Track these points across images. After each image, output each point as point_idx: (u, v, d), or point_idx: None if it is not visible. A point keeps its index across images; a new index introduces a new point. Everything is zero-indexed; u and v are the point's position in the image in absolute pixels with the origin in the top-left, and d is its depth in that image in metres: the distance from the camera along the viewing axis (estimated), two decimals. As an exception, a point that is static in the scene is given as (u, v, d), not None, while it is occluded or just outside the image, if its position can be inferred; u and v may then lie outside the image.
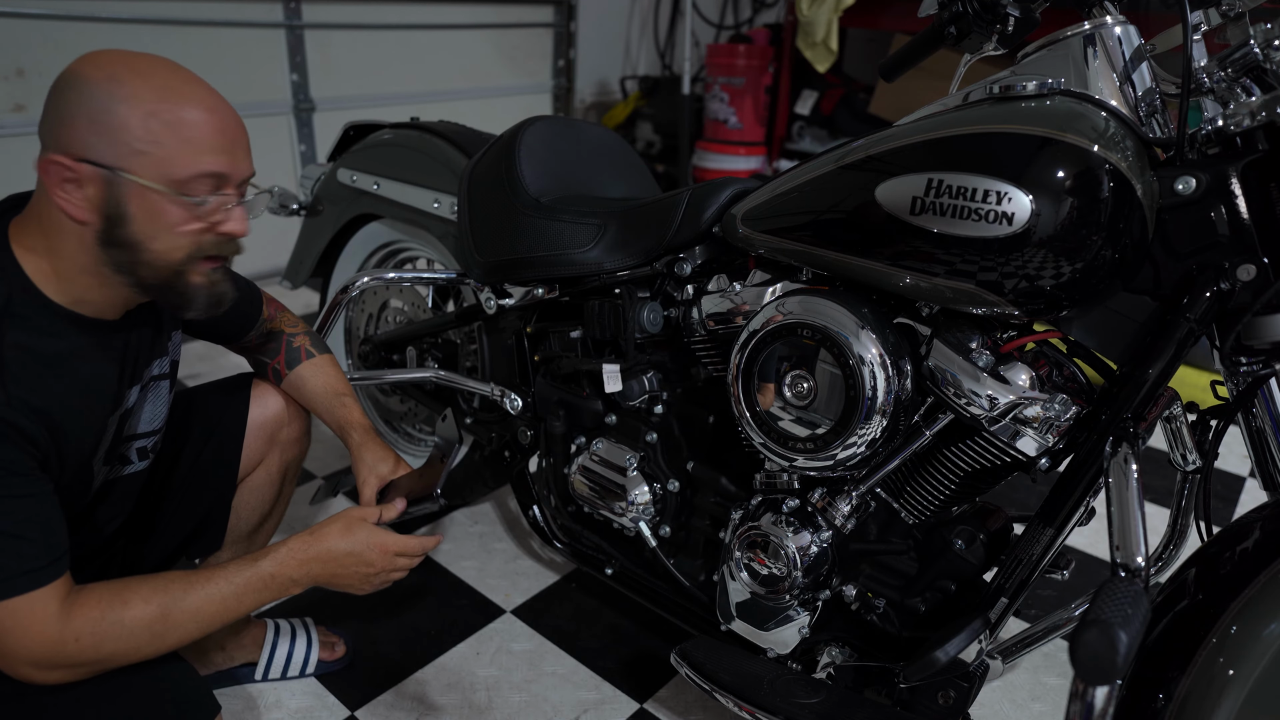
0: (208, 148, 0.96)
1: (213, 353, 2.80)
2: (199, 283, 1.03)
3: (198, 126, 0.95)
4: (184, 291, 1.03)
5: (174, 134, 0.94)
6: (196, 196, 0.97)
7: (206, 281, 1.04)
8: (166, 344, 1.20)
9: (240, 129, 1.01)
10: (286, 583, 1.10)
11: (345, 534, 1.13)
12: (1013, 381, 1.06)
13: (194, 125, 0.95)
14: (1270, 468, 1.01)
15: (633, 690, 1.58)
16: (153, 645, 1.01)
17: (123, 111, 0.93)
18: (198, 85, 0.99)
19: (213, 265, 1.04)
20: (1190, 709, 0.90)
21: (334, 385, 1.39)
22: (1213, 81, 0.98)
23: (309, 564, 1.11)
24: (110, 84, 0.93)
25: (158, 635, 1.01)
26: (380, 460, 1.32)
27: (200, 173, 0.96)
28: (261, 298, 1.40)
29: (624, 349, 1.46)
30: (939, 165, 1.02)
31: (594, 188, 1.63)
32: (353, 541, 1.13)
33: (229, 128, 0.99)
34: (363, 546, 1.13)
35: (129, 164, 0.94)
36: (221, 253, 1.04)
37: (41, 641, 0.94)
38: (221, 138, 0.98)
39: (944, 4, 1.12)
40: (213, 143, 0.97)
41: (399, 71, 3.75)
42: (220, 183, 0.99)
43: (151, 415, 1.20)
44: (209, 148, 0.96)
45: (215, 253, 1.03)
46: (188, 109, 0.95)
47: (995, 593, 1.13)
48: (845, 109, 4.09)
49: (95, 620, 0.97)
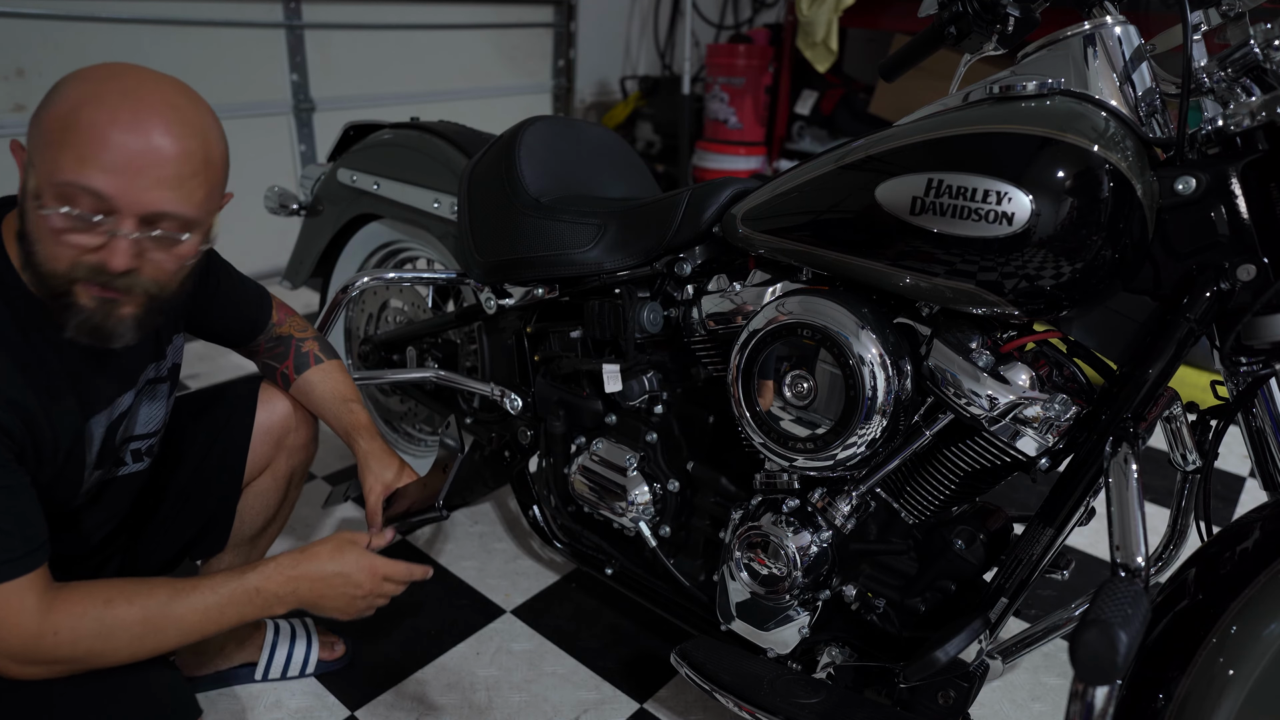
0: (98, 164, 0.88)
1: (213, 352, 2.80)
2: (84, 305, 0.94)
3: (99, 140, 0.88)
4: (66, 309, 0.94)
5: (73, 139, 0.88)
6: (74, 208, 0.89)
7: (92, 307, 0.95)
8: (165, 348, 1.20)
9: (169, 165, 0.91)
10: (271, 599, 1.08)
11: (335, 555, 1.12)
12: (1013, 381, 1.06)
13: (96, 137, 0.88)
14: (1270, 468, 1.01)
15: (633, 690, 1.58)
16: (131, 649, 1.00)
17: (53, 105, 0.90)
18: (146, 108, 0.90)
19: (104, 294, 0.94)
20: (1190, 709, 0.90)
21: (342, 391, 1.39)
22: (1213, 81, 0.98)
23: (296, 581, 1.09)
24: (67, 81, 0.92)
25: (137, 639, 0.99)
26: (386, 468, 1.31)
27: (80, 185, 0.88)
28: (271, 302, 1.40)
29: (624, 349, 1.46)
30: (939, 165, 1.02)
31: (594, 188, 1.63)
32: (342, 563, 1.12)
33: (144, 155, 0.89)
34: (352, 568, 1.12)
35: (36, 157, 0.91)
36: (104, 283, 0.93)
37: (18, 633, 0.93)
38: (120, 157, 0.88)
39: (944, 4, 1.12)
40: (106, 161, 0.88)
41: (399, 71, 3.75)
42: (103, 205, 0.89)
43: (148, 418, 1.20)
44: (99, 164, 0.88)
45: (96, 280, 0.93)
46: (101, 120, 0.88)
47: (995, 593, 1.13)
48: (845, 109, 4.09)
49: (76, 616, 0.96)
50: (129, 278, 0.94)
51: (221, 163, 1.00)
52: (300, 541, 1.94)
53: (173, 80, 0.97)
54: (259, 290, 1.38)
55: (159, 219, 0.93)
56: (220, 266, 1.30)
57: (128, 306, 0.97)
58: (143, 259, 0.95)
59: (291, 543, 1.92)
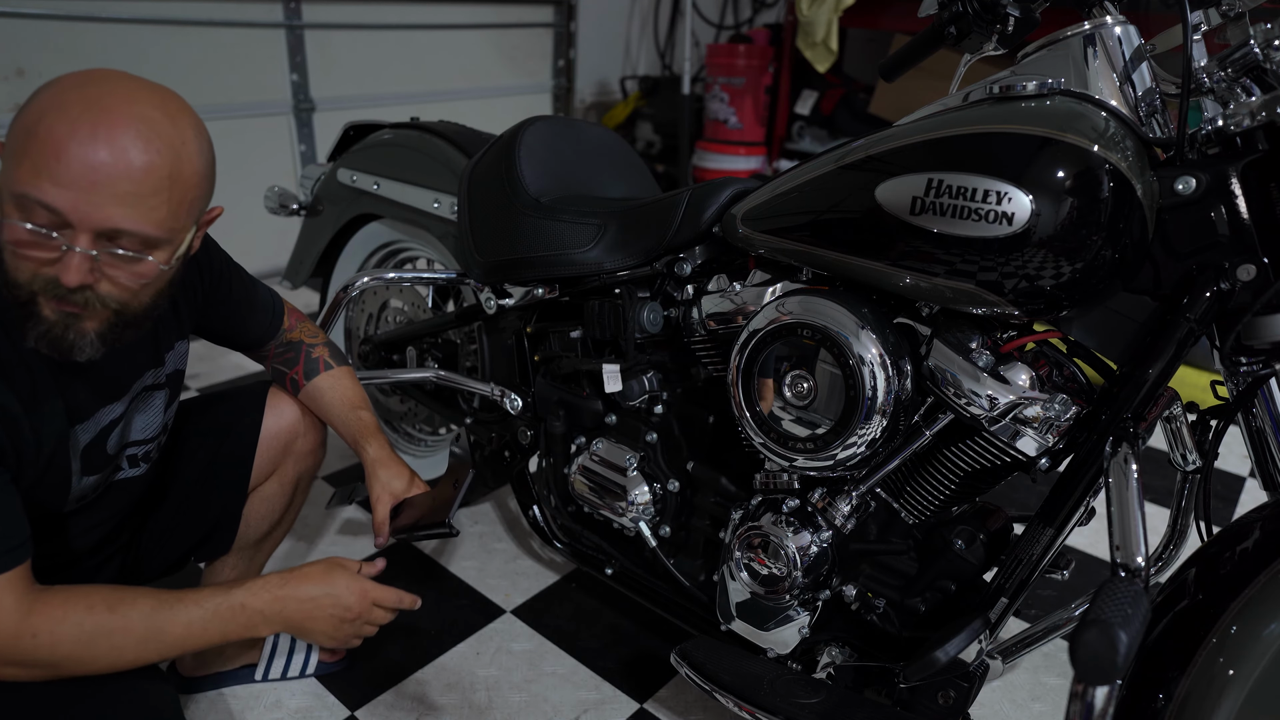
0: (52, 177, 0.85)
1: (213, 353, 2.80)
2: (45, 316, 0.92)
3: (54, 153, 0.85)
4: (28, 318, 0.92)
5: (33, 149, 0.86)
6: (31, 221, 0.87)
7: (53, 319, 0.92)
8: (164, 355, 1.19)
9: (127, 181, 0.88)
10: (256, 617, 1.06)
11: (325, 577, 1.11)
12: (1013, 381, 1.06)
13: (51, 150, 0.85)
14: (1270, 468, 1.01)
15: (633, 690, 1.58)
16: (109, 658, 0.98)
17: (23, 112, 0.89)
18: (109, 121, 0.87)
19: (65, 308, 0.92)
20: (1190, 709, 0.90)
21: (351, 398, 1.39)
22: (1213, 81, 0.98)
23: (284, 601, 1.08)
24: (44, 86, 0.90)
25: (116, 649, 0.98)
26: (395, 478, 1.31)
27: (34, 199, 0.86)
28: (284, 308, 1.40)
29: (624, 349, 1.46)
30: (939, 165, 1.02)
31: (594, 188, 1.63)
32: (332, 585, 1.11)
33: (101, 170, 0.86)
34: (342, 590, 1.11)
35: (4, 164, 0.89)
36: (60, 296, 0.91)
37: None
38: (73, 174, 0.85)
39: (944, 4, 1.12)
40: (59, 174, 0.85)
41: (399, 71, 3.75)
42: (57, 220, 0.87)
43: (144, 424, 1.19)
44: (54, 178, 0.85)
45: (53, 294, 0.91)
46: (60, 131, 0.85)
47: (995, 593, 1.13)
48: (845, 109, 4.09)
49: (56, 619, 0.94)
50: (84, 293, 0.92)
51: (195, 179, 0.95)
52: (304, 545, 1.94)
53: (152, 91, 0.93)
54: (271, 295, 1.38)
55: (116, 236, 0.90)
56: (234, 272, 1.30)
57: (89, 321, 0.94)
58: (99, 275, 0.92)
59: (295, 546, 1.92)
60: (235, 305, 1.30)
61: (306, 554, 1.90)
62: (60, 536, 1.16)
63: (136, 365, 1.14)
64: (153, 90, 0.93)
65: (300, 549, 1.92)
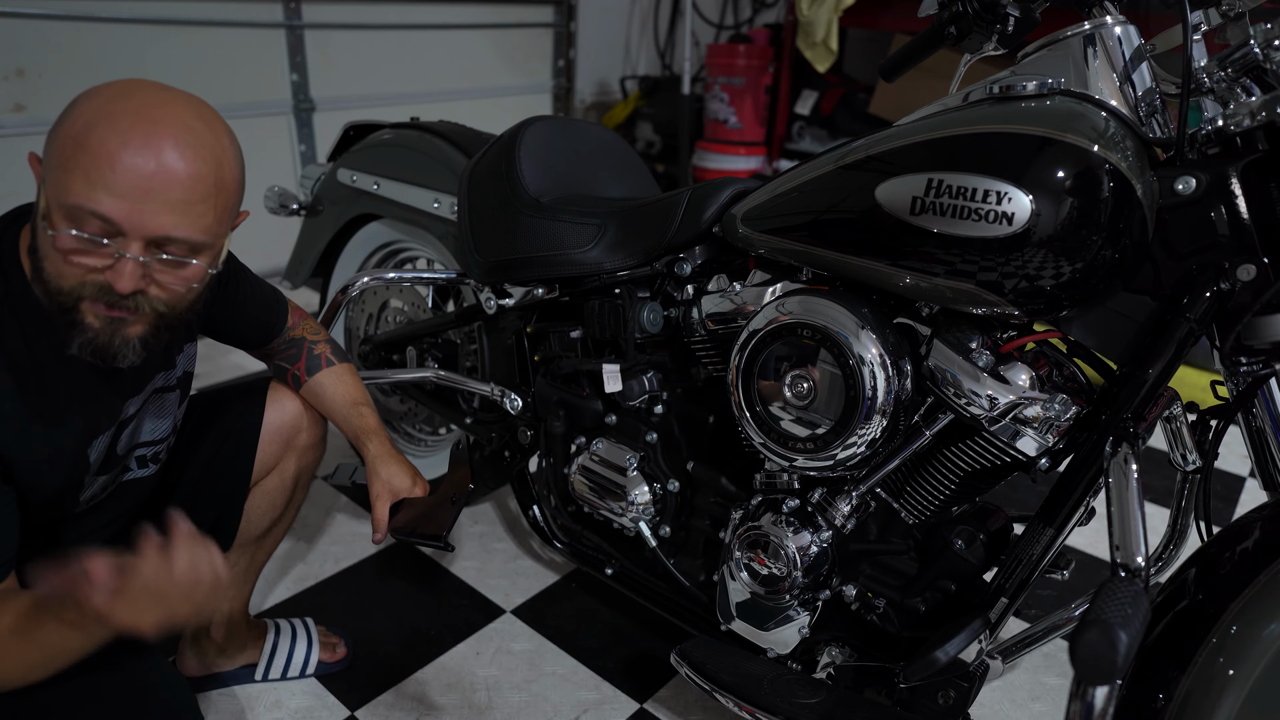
0: (106, 188, 0.87)
1: (213, 352, 2.80)
2: (90, 324, 0.94)
3: (108, 164, 0.87)
4: (71, 324, 0.94)
5: (83, 160, 0.87)
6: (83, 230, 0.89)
7: (99, 326, 0.94)
8: (175, 357, 1.20)
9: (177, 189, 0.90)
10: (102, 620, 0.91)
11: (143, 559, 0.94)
12: (1013, 381, 1.06)
13: (104, 161, 0.87)
14: (1270, 468, 1.01)
15: (633, 690, 1.58)
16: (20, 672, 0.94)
17: (66, 123, 0.90)
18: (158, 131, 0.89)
19: (111, 314, 0.94)
20: (1190, 709, 0.90)
21: (352, 394, 1.39)
22: (1213, 81, 0.98)
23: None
24: (82, 97, 0.91)
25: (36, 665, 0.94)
26: (395, 475, 1.31)
27: (88, 209, 0.88)
28: (287, 307, 1.40)
29: (624, 349, 1.46)
30: (939, 165, 1.02)
31: (594, 188, 1.63)
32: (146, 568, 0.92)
33: (153, 179, 0.89)
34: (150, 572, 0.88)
35: (48, 175, 0.91)
36: (110, 302, 0.93)
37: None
38: (128, 182, 0.88)
39: (944, 4, 1.12)
40: (113, 185, 0.87)
41: (399, 71, 3.75)
42: (110, 229, 0.89)
43: (154, 426, 1.19)
44: (108, 188, 0.87)
45: (104, 299, 0.93)
46: (112, 143, 0.87)
47: (995, 593, 1.13)
48: (845, 109, 4.09)
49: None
50: (135, 299, 0.94)
51: (235, 185, 0.98)
52: (303, 543, 1.94)
53: (189, 99, 0.95)
54: (275, 294, 1.38)
55: (166, 243, 0.93)
56: (240, 272, 1.30)
57: (135, 326, 0.96)
58: (149, 280, 0.94)
59: (295, 546, 1.92)
60: (242, 305, 1.31)
61: (307, 553, 1.90)
62: (70, 538, 1.16)
63: (149, 367, 1.14)
64: (187, 99, 0.95)
65: (300, 548, 1.92)
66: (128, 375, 1.10)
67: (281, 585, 1.80)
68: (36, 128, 2.68)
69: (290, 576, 1.83)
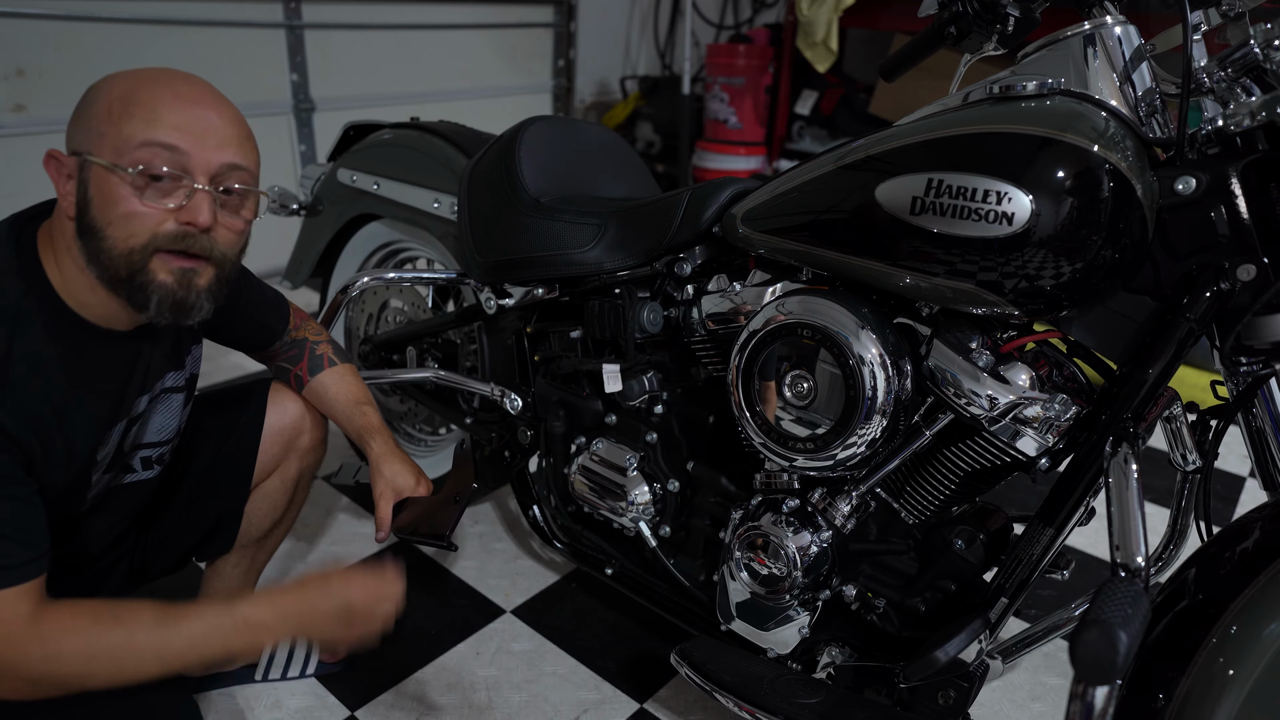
0: (165, 124, 0.94)
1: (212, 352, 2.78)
2: (164, 280, 0.97)
3: (161, 105, 0.94)
4: (145, 287, 0.97)
5: (138, 110, 0.93)
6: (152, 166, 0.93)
7: (173, 281, 0.98)
8: (184, 358, 1.20)
9: (229, 126, 0.99)
10: (260, 628, 1.03)
11: (321, 581, 1.08)
12: (1013, 381, 1.06)
13: (157, 103, 0.94)
14: (1270, 468, 1.01)
15: (633, 690, 1.58)
16: (108, 672, 0.96)
17: (101, 97, 0.95)
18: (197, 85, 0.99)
19: (183, 263, 0.98)
20: (1190, 709, 0.90)
21: (355, 394, 1.39)
22: (1213, 81, 0.98)
23: (284, 607, 1.05)
24: (107, 79, 0.95)
25: (117, 663, 0.96)
26: (399, 474, 1.30)
27: (150, 141, 0.93)
28: (289, 309, 1.40)
29: (624, 349, 1.45)
30: (939, 165, 1.02)
31: (594, 188, 1.63)
32: (327, 585, 1.07)
33: (206, 118, 0.96)
34: (338, 588, 1.07)
35: (92, 145, 0.94)
36: (187, 248, 0.97)
37: (9, 642, 0.91)
38: (186, 119, 0.95)
39: (944, 4, 1.12)
40: (173, 120, 0.94)
41: (399, 71, 3.75)
42: (177, 160, 0.94)
43: (160, 426, 1.20)
44: (167, 124, 0.94)
45: (180, 247, 0.97)
46: (161, 92, 0.94)
47: (995, 593, 1.13)
48: (845, 109, 4.09)
49: (65, 629, 0.94)
50: (208, 239, 0.99)
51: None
52: (304, 545, 1.94)
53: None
54: (277, 296, 1.38)
55: (230, 172, 0.99)
56: (243, 275, 1.29)
57: (203, 277, 1.01)
58: (218, 223, 1.00)
59: (296, 546, 1.92)
60: (246, 307, 1.31)
61: (307, 553, 1.90)
62: (76, 539, 1.16)
63: (165, 362, 1.15)
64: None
65: (300, 548, 1.92)
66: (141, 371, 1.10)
67: (281, 585, 1.80)
68: (36, 128, 2.68)
69: (291, 577, 1.83)
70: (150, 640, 0.97)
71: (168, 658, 0.98)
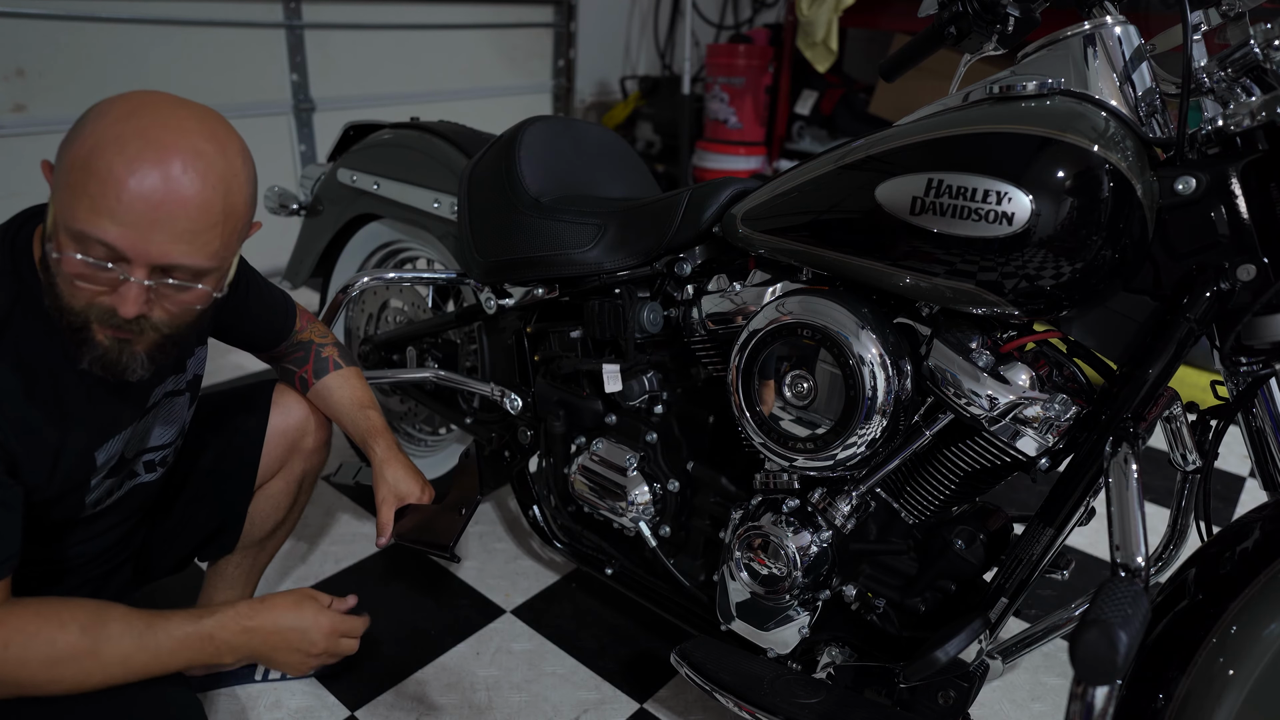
0: (110, 216, 0.86)
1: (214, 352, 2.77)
2: (100, 340, 0.94)
3: (114, 192, 0.86)
4: (81, 343, 0.94)
5: (91, 186, 0.86)
6: (88, 255, 0.88)
7: (107, 345, 0.95)
8: (186, 361, 1.20)
9: (185, 219, 0.89)
10: (223, 647, 1.05)
11: (294, 609, 1.10)
12: (1013, 381, 1.06)
13: (110, 188, 0.86)
14: (1270, 468, 1.01)
15: (633, 690, 1.58)
16: (74, 679, 0.96)
17: (75, 141, 0.88)
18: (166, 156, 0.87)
19: (118, 334, 0.94)
20: (1190, 709, 0.90)
21: (360, 397, 1.39)
22: (1213, 81, 0.98)
23: (251, 633, 1.06)
24: (93, 113, 0.90)
25: (84, 672, 0.96)
26: (402, 480, 1.30)
27: (92, 236, 0.87)
28: (295, 311, 1.40)
29: (624, 349, 1.45)
30: (939, 165, 1.02)
31: (594, 188, 1.63)
32: (300, 618, 1.09)
33: (157, 208, 0.87)
34: (310, 625, 1.10)
35: (56, 194, 0.90)
36: (115, 325, 0.93)
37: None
38: (133, 214, 0.86)
39: (944, 4, 1.12)
40: (119, 214, 0.86)
41: (399, 71, 3.75)
42: (115, 255, 0.89)
43: (163, 430, 1.20)
44: (112, 217, 0.86)
45: (109, 323, 0.93)
46: (118, 169, 0.86)
47: (995, 593, 1.13)
48: (845, 109, 4.09)
49: (29, 634, 0.93)
50: (139, 322, 0.94)
51: (244, 207, 0.97)
52: (305, 545, 1.94)
53: (201, 117, 0.93)
54: (284, 298, 1.38)
55: (171, 269, 0.92)
56: (249, 277, 1.29)
57: (140, 345, 0.97)
58: (153, 304, 0.94)
59: (296, 546, 1.92)
60: (252, 309, 1.31)
61: (308, 554, 1.90)
62: (78, 542, 1.16)
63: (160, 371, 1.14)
64: (200, 117, 0.93)
65: (301, 549, 1.92)
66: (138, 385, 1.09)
67: (282, 586, 1.80)
68: (36, 128, 2.69)
69: (291, 577, 1.83)
70: (116, 650, 0.97)
71: (131, 667, 0.99)
